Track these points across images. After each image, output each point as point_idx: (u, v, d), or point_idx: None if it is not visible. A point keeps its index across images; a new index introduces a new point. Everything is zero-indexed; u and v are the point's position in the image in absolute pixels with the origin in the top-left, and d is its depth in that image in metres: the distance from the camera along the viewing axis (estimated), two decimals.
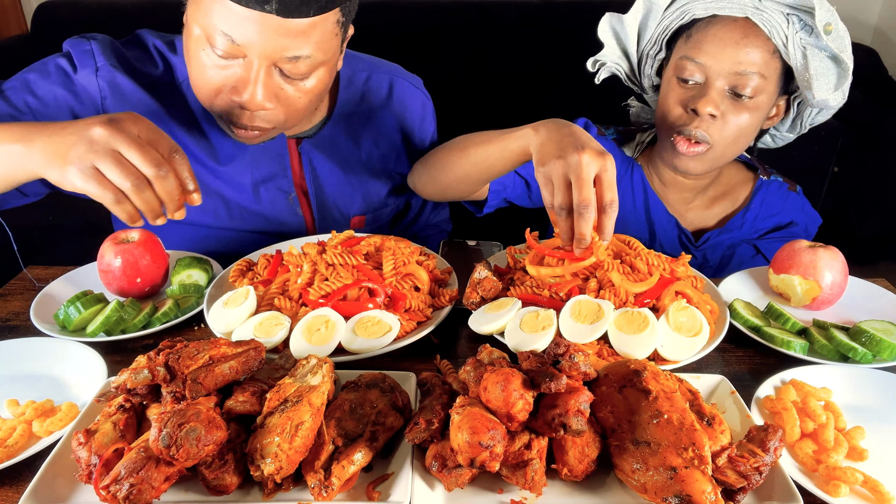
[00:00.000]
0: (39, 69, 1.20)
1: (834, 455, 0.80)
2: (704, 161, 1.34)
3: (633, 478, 0.72)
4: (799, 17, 1.22)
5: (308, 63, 1.07)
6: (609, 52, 1.43)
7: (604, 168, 0.98)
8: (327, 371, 0.83)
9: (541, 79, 2.39)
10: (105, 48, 1.22)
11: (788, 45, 1.23)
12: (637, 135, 1.54)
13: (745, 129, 1.31)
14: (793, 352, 1.01)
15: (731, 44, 1.24)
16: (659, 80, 1.46)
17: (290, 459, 0.70)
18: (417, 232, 1.63)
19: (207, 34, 1.03)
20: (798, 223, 1.49)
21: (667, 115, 1.34)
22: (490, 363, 0.83)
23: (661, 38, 1.37)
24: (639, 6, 1.35)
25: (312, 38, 1.05)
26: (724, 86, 1.27)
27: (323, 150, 1.38)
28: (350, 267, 1.09)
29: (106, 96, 1.21)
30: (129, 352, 1.03)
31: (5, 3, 2.74)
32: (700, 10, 1.28)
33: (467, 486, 0.74)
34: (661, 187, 1.51)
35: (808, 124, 1.43)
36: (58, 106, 1.19)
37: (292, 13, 1.00)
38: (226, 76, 1.07)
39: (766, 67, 1.25)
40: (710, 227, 1.51)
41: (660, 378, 0.79)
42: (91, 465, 0.71)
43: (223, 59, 1.05)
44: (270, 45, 1.02)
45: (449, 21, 2.44)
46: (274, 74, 1.07)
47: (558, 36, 2.38)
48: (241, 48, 1.02)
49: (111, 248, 1.14)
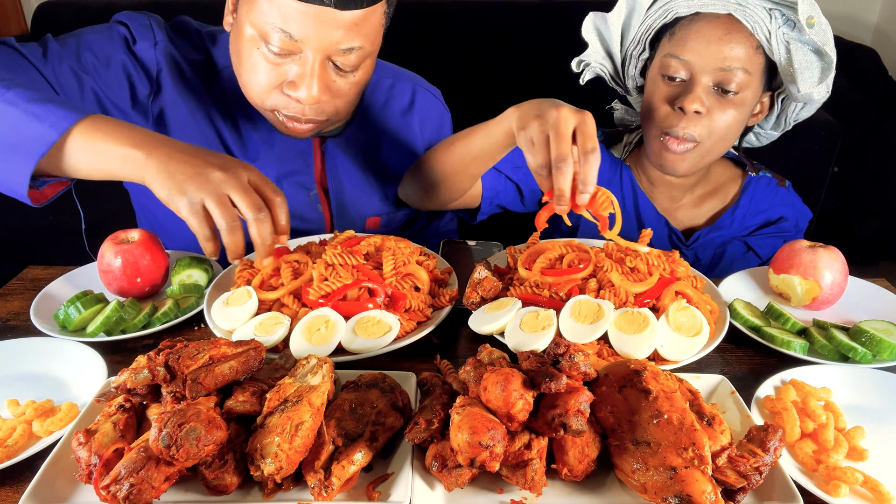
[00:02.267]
0: (101, 31, 1.23)
1: (834, 455, 0.80)
2: (691, 159, 1.34)
3: (633, 478, 0.72)
4: (781, 11, 1.22)
5: (359, 54, 1.10)
6: (593, 53, 1.43)
7: (582, 121, 0.98)
8: (327, 371, 0.83)
9: (541, 79, 2.39)
10: (162, 26, 1.27)
11: (772, 40, 1.23)
12: (625, 136, 1.54)
13: (731, 126, 1.31)
14: (793, 352, 1.01)
15: (715, 40, 1.25)
16: (643, 81, 1.46)
17: (290, 459, 0.70)
18: (427, 238, 1.64)
19: (263, 32, 1.05)
20: (788, 218, 1.49)
21: (653, 114, 1.34)
22: (490, 363, 0.83)
23: (644, 38, 1.37)
24: (622, 6, 1.35)
25: (364, 30, 1.08)
26: (710, 82, 1.27)
27: (345, 150, 1.41)
28: (350, 267, 1.09)
29: (162, 69, 1.25)
30: (129, 352, 1.03)
31: (5, 2, 2.74)
32: (683, 8, 1.28)
33: (467, 486, 0.74)
34: (650, 187, 1.51)
35: (793, 121, 1.43)
36: (116, 68, 1.22)
37: (349, 4, 1.03)
38: (281, 73, 1.09)
39: (750, 63, 1.26)
40: (700, 225, 1.52)
41: (660, 378, 0.79)
42: (91, 465, 0.71)
43: (278, 57, 1.07)
44: (327, 39, 1.05)
45: (449, 21, 2.44)
46: (328, 68, 1.10)
47: (558, 36, 2.38)
48: (298, 43, 1.05)
49: (111, 248, 1.14)
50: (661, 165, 1.37)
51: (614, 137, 1.56)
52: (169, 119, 1.29)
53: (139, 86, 1.25)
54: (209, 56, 1.32)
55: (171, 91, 1.28)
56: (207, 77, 1.31)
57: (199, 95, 1.30)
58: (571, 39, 2.33)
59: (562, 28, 2.37)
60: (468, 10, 2.43)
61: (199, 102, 1.30)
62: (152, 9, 2.08)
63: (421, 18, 2.43)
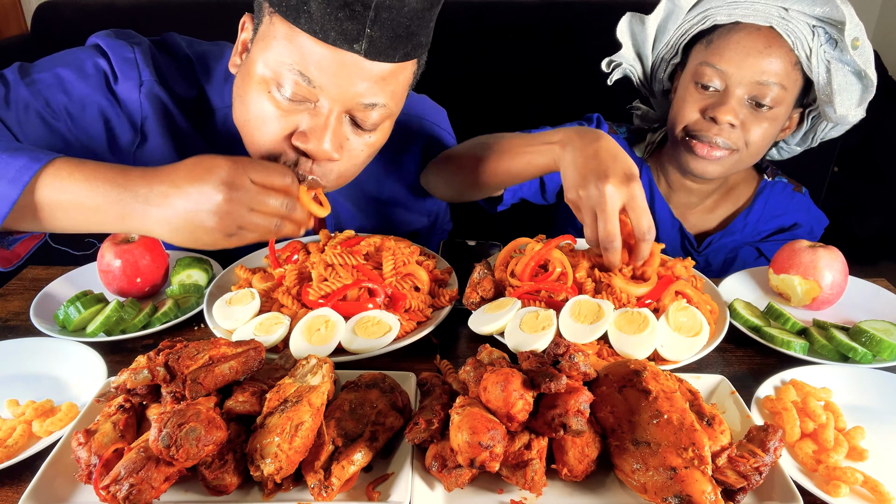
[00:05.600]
0: (75, 66, 1.10)
1: (834, 455, 0.80)
2: (724, 166, 1.32)
3: (633, 478, 0.72)
4: (825, 29, 1.19)
5: (381, 113, 0.98)
6: (626, 54, 1.41)
7: (631, 196, 0.96)
8: (327, 371, 0.83)
9: (541, 79, 2.39)
10: (147, 58, 1.13)
11: (812, 58, 1.21)
12: (648, 135, 1.52)
13: (763, 139, 1.30)
14: (793, 352, 1.01)
15: (754, 53, 1.22)
16: (669, 85, 1.44)
17: (290, 459, 0.70)
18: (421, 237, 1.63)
19: (276, 74, 0.93)
20: (802, 224, 1.48)
21: (684, 120, 1.32)
22: (490, 363, 0.83)
23: (678, 42, 1.35)
24: (661, 8, 1.32)
25: (390, 86, 0.96)
26: (744, 94, 1.25)
27: (346, 195, 1.35)
28: (350, 267, 1.09)
29: (147, 116, 1.14)
30: (129, 352, 1.03)
31: (5, 3, 2.74)
32: (723, 16, 1.25)
33: (467, 486, 0.74)
34: (667, 190, 1.49)
35: (820, 139, 1.41)
36: (92, 112, 1.10)
37: (379, 56, 0.91)
38: (292, 122, 0.97)
39: (788, 78, 1.23)
40: (712, 229, 1.50)
41: (660, 378, 0.79)
42: (91, 465, 0.71)
43: (291, 102, 0.95)
44: (350, 90, 0.93)
45: (449, 21, 2.44)
46: (344, 122, 0.98)
47: (559, 36, 2.38)
48: (316, 91, 0.92)
49: (111, 248, 1.14)
50: (688, 169, 1.35)
51: (637, 135, 1.54)
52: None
53: (120, 133, 1.14)
54: (202, 93, 1.20)
55: (157, 140, 1.16)
56: (199, 118, 1.19)
57: (189, 141, 1.19)
58: (574, 40, 2.34)
59: (564, 28, 2.37)
60: (468, 10, 2.42)
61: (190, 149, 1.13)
62: (151, 9, 2.03)
63: None
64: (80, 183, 0.84)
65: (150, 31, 1.23)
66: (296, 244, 1.20)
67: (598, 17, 2.29)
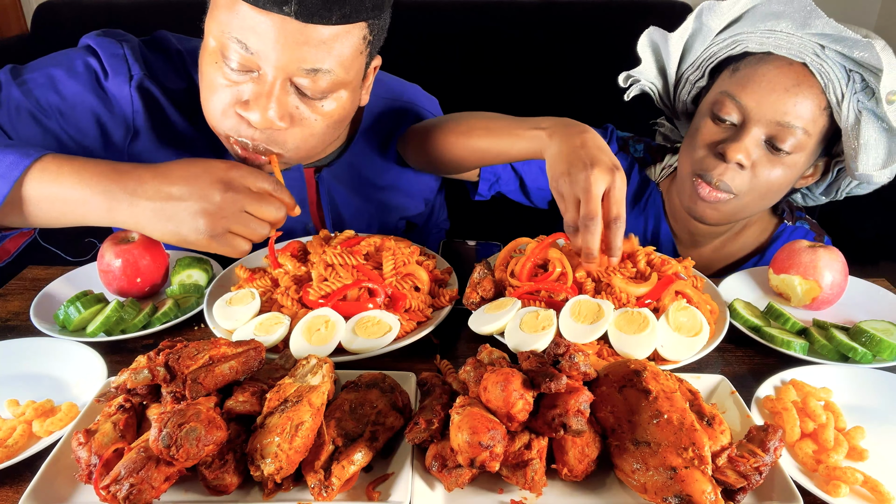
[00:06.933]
0: (66, 65, 1.10)
1: (834, 455, 0.80)
2: (724, 212, 1.22)
3: (633, 478, 0.72)
4: (862, 75, 1.08)
5: (328, 79, 0.98)
6: (646, 70, 1.30)
7: (613, 184, 0.95)
8: (327, 371, 0.83)
9: (541, 79, 2.39)
10: (136, 54, 1.13)
11: (843, 105, 1.09)
12: (667, 156, 1.42)
13: (775, 185, 1.18)
14: (793, 352, 1.01)
15: (781, 90, 1.11)
16: (693, 108, 1.32)
17: (290, 459, 0.70)
18: (418, 233, 1.63)
19: (221, 44, 0.95)
20: None
21: (691, 151, 1.23)
22: (490, 363, 0.83)
23: (705, 65, 1.24)
24: (688, 25, 1.21)
25: (334, 51, 0.95)
26: (762, 134, 1.14)
27: (341, 178, 1.34)
28: (350, 267, 1.09)
29: (138, 111, 1.14)
30: (129, 352, 1.03)
31: (5, 3, 2.74)
32: (755, 44, 1.15)
33: (467, 486, 0.74)
34: (674, 221, 1.40)
35: (845, 193, 1.29)
36: (83, 110, 1.11)
37: (312, 17, 0.90)
38: (237, 92, 0.98)
39: (813, 124, 1.12)
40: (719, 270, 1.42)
41: (660, 378, 0.79)
42: (91, 465, 0.71)
43: (236, 73, 0.96)
44: (287, 54, 0.93)
45: (449, 21, 2.44)
46: (290, 91, 0.98)
47: (559, 36, 2.38)
48: (255, 58, 0.94)
49: (111, 248, 1.14)
50: (689, 209, 1.26)
51: (656, 154, 1.45)
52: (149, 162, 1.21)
53: (113, 129, 1.14)
54: (193, 84, 1.18)
55: (149, 134, 1.17)
56: (191, 107, 1.17)
57: (181, 132, 1.19)
58: (574, 40, 2.34)
59: (564, 28, 2.37)
60: (468, 10, 2.43)
61: (183, 140, 1.19)
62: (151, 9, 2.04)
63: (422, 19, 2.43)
64: (68, 176, 0.85)
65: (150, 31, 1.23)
66: (295, 244, 1.20)
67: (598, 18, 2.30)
